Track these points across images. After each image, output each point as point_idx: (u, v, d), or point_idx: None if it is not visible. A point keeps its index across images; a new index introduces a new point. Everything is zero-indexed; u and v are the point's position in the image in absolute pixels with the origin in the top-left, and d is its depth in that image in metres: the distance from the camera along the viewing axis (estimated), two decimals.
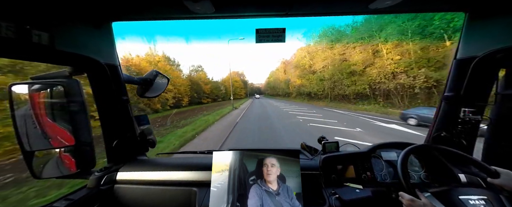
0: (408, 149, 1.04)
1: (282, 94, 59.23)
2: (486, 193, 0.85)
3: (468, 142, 1.20)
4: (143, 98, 1.41)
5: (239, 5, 1.06)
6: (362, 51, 22.27)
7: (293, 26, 43.77)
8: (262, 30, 1.23)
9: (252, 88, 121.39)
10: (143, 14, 1.17)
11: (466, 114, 1.15)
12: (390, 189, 1.08)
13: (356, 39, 23.08)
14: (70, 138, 0.98)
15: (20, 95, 0.94)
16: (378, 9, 1.08)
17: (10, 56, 0.84)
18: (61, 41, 0.89)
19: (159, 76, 1.43)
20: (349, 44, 23.97)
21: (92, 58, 1.05)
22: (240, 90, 77.10)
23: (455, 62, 1.22)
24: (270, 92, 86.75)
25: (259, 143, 6.36)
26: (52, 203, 0.98)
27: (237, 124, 10.53)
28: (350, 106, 21.19)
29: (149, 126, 1.48)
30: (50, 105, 1.02)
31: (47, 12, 0.86)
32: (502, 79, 1.13)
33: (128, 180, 1.23)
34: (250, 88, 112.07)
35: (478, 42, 1.11)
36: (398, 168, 0.97)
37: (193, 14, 1.10)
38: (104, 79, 1.15)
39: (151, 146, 1.47)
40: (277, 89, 66.89)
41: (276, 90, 70.40)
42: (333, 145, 1.36)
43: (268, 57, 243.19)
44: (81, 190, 1.12)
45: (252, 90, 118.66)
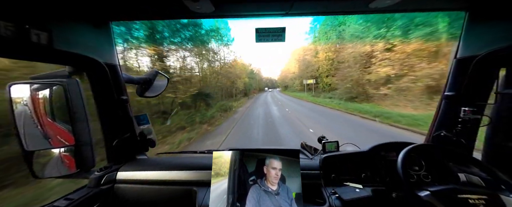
0: (408, 148, 1.04)
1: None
2: (486, 192, 0.85)
3: (468, 141, 1.20)
4: (142, 97, 1.41)
5: (239, 5, 1.06)
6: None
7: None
8: (261, 29, 1.23)
9: (266, 82, 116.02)
10: (143, 14, 1.16)
11: (466, 113, 1.15)
12: (390, 189, 1.08)
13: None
14: (69, 137, 0.98)
15: (20, 94, 0.93)
16: (378, 8, 1.08)
17: (9, 56, 0.84)
18: (60, 40, 0.89)
19: (159, 75, 1.43)
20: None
21: (91, 58, 1.05)
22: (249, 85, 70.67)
23: (455, 61, 1.21)
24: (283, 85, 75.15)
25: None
26: (52, 202, 0.98)
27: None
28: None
29: (149, 126, 1.48)
30: (49, 104, 1.01)
31: (46, 12, 0.85)
32: (502, 78, 1.13)
33: (128, 179, 1.23)
34: (264, 83, 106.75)
35: (478, 41, 1.11)
36: (398, 167, 0.97)
37: (193, 14, 1.10)
38: (104, 78, 1.14)
39: (151, 146, 1.47)
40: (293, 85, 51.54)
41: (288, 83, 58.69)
42: (333, 145, 1.36)
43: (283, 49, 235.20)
44: (81, 189, 1.12)
45: (266, 84, 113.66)
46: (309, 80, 32.63)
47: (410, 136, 7.17)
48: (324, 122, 10.35)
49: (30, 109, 0.94)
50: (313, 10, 1.16)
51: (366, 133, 7.86)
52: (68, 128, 0.98)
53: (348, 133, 7.85)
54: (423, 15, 11.30)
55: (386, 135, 7.50)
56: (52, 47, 0.84)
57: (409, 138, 2.37)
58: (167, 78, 1.50)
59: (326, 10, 1.18)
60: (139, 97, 1.40)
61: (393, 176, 1.16)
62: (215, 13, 1.09)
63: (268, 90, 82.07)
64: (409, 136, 7.04)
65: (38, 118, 0.96)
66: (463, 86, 1.16)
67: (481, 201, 0.80)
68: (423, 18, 11.67)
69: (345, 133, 7.90)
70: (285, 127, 9.04)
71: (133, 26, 9.12)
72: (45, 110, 0.99)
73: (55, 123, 1.01)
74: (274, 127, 9.26)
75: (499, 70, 1.10)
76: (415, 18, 12.27)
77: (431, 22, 11.37)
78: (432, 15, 10.96)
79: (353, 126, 9.37)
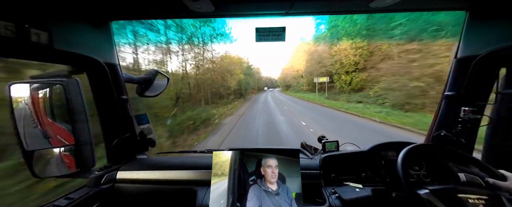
0: (408, 148, 1.04)
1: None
2: (486, 192, 0.85)
3: (468, 141, 1.20)
4: (142, 97, 1.41)
5: (239, 4, 1.05)
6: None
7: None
8: (262, 29, 1.23)
9: (265, 82, 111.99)
10: (143, 13, 1.16)
11: (466, 113, 1.15)
12: (390, 188, 1.08)
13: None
14: (69, 137, 0.98)
15: (20, 94, 0.93)
16: (379, 8, 1.08)
17: (9, 56, 0.84)
18: (60, 40, 0.88)
19: (159, 75, 1.43)
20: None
21: (91, 57, 1.05)
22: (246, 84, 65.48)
23: (456, 61, 1.21)
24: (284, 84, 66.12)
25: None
26: (52, 202, 0.99)
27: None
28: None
29: (149, 125, 1.48)
30: (49, 104, 1.01)
31: (46, 11, 0.85)
32: (502, 78, 1.13)
33: (128, 179, 1.23)
34: (263, 82, 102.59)
35: (478, 41, 1.10)
36: (398, 167, 0.97)
37: (193, 13, 1.10)
38: (104, 78, 1.14)
39: (151, 145, 1.47)
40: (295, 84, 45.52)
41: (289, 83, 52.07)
42: (333, 144, 1.36)
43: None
44: (81, 189, 1.12)
45: (266, 83, 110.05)
46: (321, 78, 25.44)
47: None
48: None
49: (30, 109, 0.94)
50: (313, 10, 1.16)
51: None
52: (68, 127, 0.98)
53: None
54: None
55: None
56: (52, 47, 0.84)
57: (412, 139, 2.33)
58: (167, 78, 1.50)
59: (326, 10, 1.18)
60: (139, 97, 1.40)
61: (393, 176, 1.16)
62: (215, 12, 1.09)
63: (268, 90, 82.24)
64: (411, 137, 6.92)
65: (38, 118, 0.96)
66: (463, 86, 1.16)
67: (481, 201, 0.80)
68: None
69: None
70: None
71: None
72: (45, 109, 0.99)
73: (55, 122, 1.01)
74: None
75: (499, 70, 1.09)
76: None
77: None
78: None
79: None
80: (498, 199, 0.81)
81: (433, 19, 10.39)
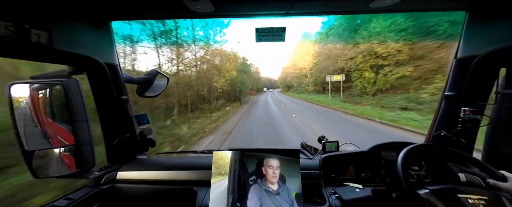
0: (408, 148, 1.04)
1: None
2: (486, 193, 0.85)
3: (468, 141, 1.20)
4: (142, 97, 1.41)
5: (239, 4, 1.06)
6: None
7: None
8: (262, 29, 1.23)
9: (264, 82, 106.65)
10: (143, 13, 1.16)
11: (466, 113, 1.15)
12: (390, 188, 1.08)
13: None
14: (69, 137, 0.98)
15: (20, 94, 0.93)
16: (378, 8, 1.08)
17: (9, 56, 0.84)
18: (60, 40, 0.88)
19: (159, 75, 1.43)
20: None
21: (91, 58, 1.05)
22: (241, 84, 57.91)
23: (456, 61, 1.21)
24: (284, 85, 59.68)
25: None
26: (52, 202, 0.98)
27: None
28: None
29: (149, 125, 1.48)
30: (49, 104, 1.01)
31: (46, 12, 0.85)
32: (502, 78, 1.13)
33: (128, 179, 1.23)
34: (263, 82, 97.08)
35: (478, 41, 1.11)
36: (398, 167, 0.97)
37: (193, 13, 1.10)
38: (104, 78, 1.14)
39: (151, 146, 1.47)
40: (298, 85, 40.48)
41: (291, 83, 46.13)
42: (333, 145, 1.36)
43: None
44: (81, 189, 1.12)
45: (265, 84, 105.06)
46: (335, 76, 20.37)
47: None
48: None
49: (30, 109, 0.94)
50: (313, 10, 1.16)
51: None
52: (68, 127, 0.98)
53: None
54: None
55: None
56: (52, 47, 0.84)
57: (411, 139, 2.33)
58: (167, 78, 1.50)
59: (326, 10, 1.18)
60: (139, 96, 1.40)
61: (393, 176, 1.16)
62: (215, 13, 1.09)
63: (268, 91, 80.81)
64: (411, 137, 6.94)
65: (38, 118, 0.96)
66: (463, 86, 1.16)
67: (481, 201, 0.80)
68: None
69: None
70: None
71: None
72: (45, 109, 0.99)
73: (55, 122, 1.01)
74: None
75: (499, 70, 1.09)
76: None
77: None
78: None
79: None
80: (498, 199, 0.81)
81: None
